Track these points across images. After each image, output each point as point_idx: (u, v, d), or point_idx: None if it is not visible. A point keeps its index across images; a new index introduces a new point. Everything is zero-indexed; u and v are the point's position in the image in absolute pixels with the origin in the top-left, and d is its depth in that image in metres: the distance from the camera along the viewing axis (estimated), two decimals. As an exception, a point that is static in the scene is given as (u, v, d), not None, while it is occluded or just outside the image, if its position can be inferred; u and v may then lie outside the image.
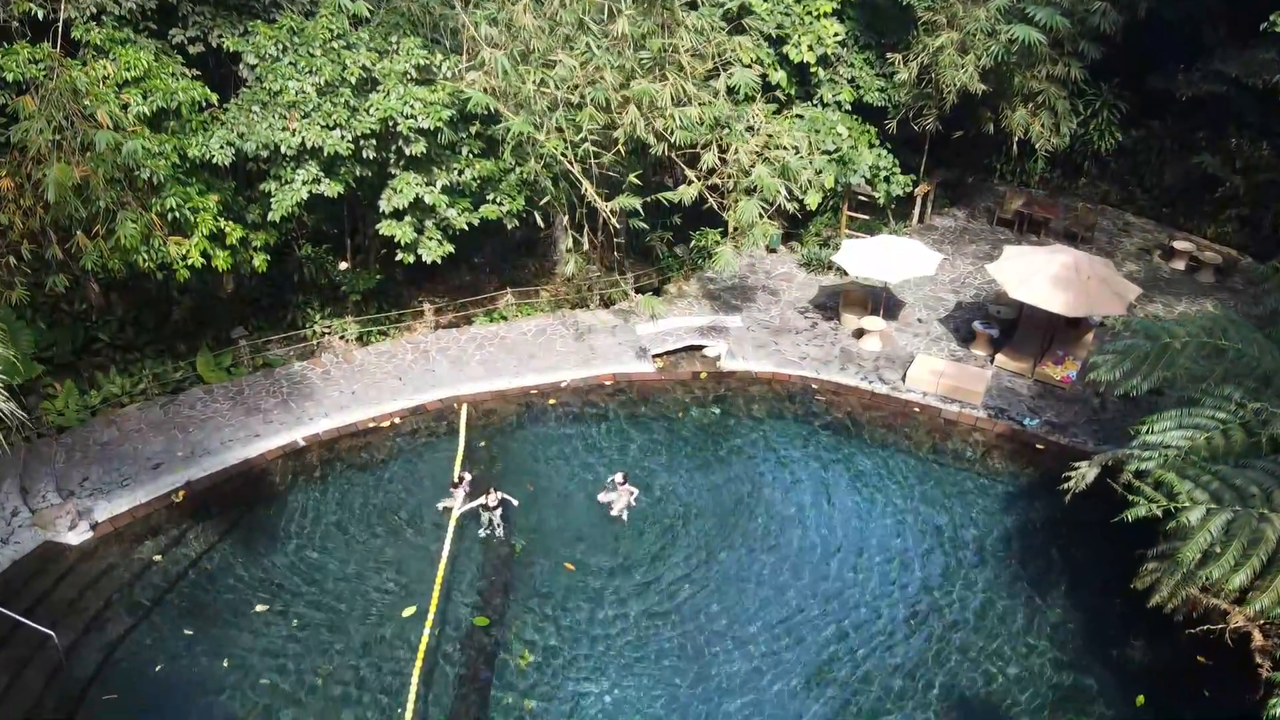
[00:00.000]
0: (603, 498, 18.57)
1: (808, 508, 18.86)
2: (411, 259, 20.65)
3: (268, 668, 15.33)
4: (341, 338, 23.10)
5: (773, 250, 27.12)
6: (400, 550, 17.55)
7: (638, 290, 24.65)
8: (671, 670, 15.50)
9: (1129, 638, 16.23)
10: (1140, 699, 15.22)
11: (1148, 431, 15.59)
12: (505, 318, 23.96)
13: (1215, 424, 15.16)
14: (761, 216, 18.96)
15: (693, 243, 26.03)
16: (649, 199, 20.22)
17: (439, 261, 20.71)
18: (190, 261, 18.35)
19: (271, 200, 18.91)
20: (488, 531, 17.74)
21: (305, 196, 18.86)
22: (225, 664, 15.35)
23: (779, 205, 19.84)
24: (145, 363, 21.61)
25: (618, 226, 21.95)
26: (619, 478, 18.57)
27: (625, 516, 18.26)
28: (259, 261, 20.20)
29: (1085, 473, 16.89)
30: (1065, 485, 17.06)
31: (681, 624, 16.27)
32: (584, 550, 17.65)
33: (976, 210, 29.47)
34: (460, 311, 24.08)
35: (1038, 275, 20.55)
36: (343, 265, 24.53)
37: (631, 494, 18.48)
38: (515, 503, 18.11)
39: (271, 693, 14.94)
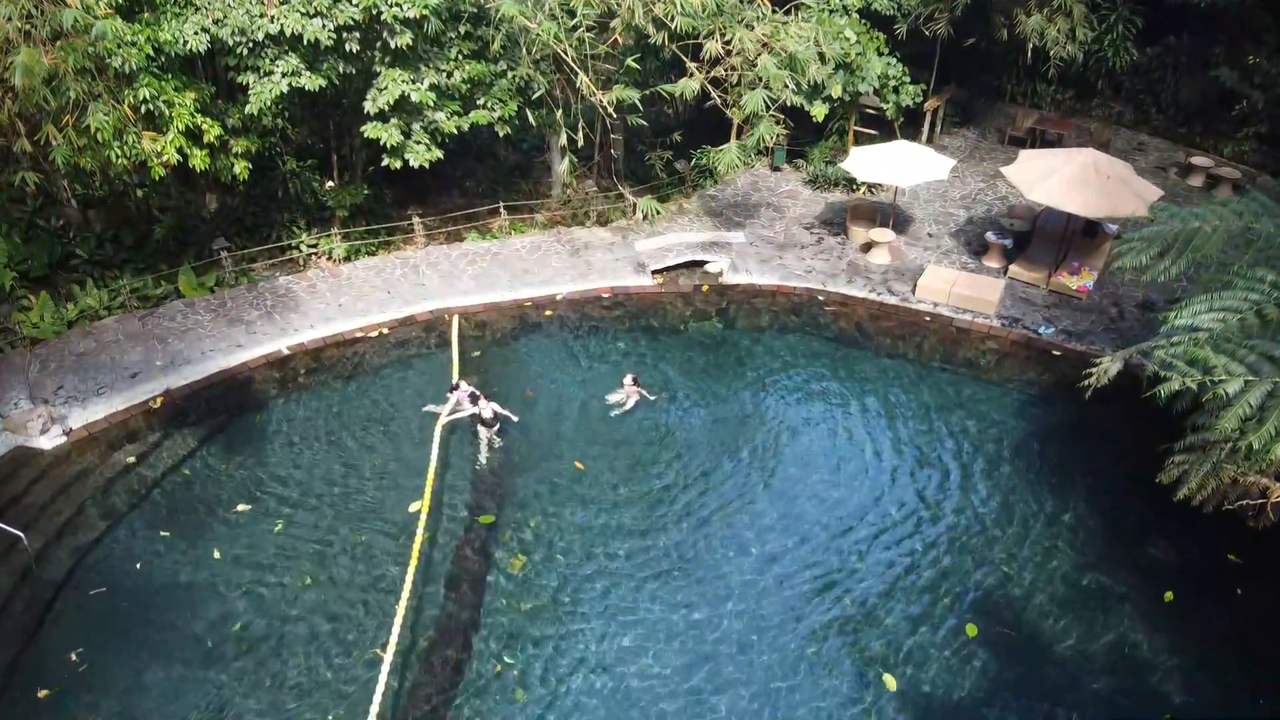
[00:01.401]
0: (611, 398, 17.87)
1: (815, 415, 18.06)
2: (398, 164, 19.71)
3: (253, 564, 14.64)
4: (329, 257, 22.23)
5: (777, 169, 26.20)
6: (390, 456, 16.76)
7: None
8: (670, 574, 14.75)
9: (1154, 537, 15.49)
10: (1168, 595, 14.48)
11: (1176, 316, 14.79)
12: (497, 237, 23.05)
13: (1248, 305, 14.34)
14: (768, 108, 17.97)
15: (694, 161, 25.10)
16: (648, 92, 19.25)
17: (426, 167, 19.77)
18: (165, 158, 17.38)
19: (250, 94, 17.96)
20: (487, 451, 16.88)
21: (285, 89, 17.91)
22: (216, 555, 14.76)
23: (786, 102, 18.83)
24: (124, 279, 20.75)
25: (614, 118, 20.89)
26: (628, 379, 17.85)
27: (633, 415, 17.66)
28: (240, 168, 19.28)
29: (1108, 366, 16.09)
30: (1086, 382, 16.32)
31: (683, 530, 15.49)
32: (585, 454, 16.85)
33: (987, 130, 28.53)
34: (451, 227, 23.13)
35: (1055, 175, 19.63)
36: (329, 184, 23.63)
37: (641, 394, 17.82)
38: (514, 418, 17.25)
39: (257, 588, 14.23)
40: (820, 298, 21.01)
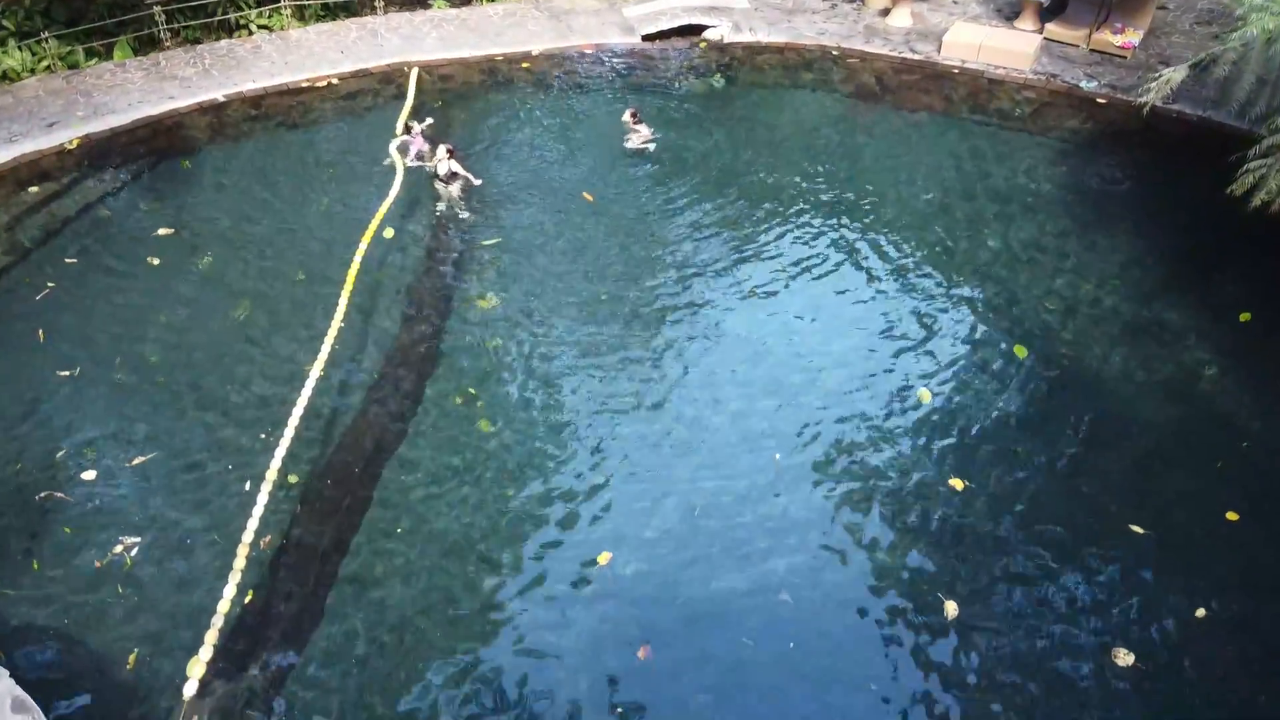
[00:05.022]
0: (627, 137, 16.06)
1: (836, 166, 15.73)
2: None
3: (177, 293, 12.66)
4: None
5: (782, -55, 23.48)
6: (334, 200, 14.53)
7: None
8: (658, 319, 12.64)
9: (1225, 260, 13.44)
10: (1244, 316, 12.42)
11: (1256, -4, 12.53)
12: (469, 2, 20.48)
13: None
14: None
15: (689, -68, 22.36)
16: None
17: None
18: None
19: None
20: (448, 203, 14.66)
21: None
22: (154, 261, 13.12)
23: None
24: (51, 44, 18.30)
25: None
26: (629, 117, 15.83)
27: (650, 149, 15.81)
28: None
29: (1171, 77, 13.98)
30: (1144, 99, 14.18)
31: (678, 281, 13.24)
32: (566, 206, 14.71)
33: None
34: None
35: (1105, -104, 17.05)
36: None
37: (647, 135, 15.89)
38: (476, 182, 14.91)
39: (180, 319, 12.25)
40: (835, 53, 18.55)
